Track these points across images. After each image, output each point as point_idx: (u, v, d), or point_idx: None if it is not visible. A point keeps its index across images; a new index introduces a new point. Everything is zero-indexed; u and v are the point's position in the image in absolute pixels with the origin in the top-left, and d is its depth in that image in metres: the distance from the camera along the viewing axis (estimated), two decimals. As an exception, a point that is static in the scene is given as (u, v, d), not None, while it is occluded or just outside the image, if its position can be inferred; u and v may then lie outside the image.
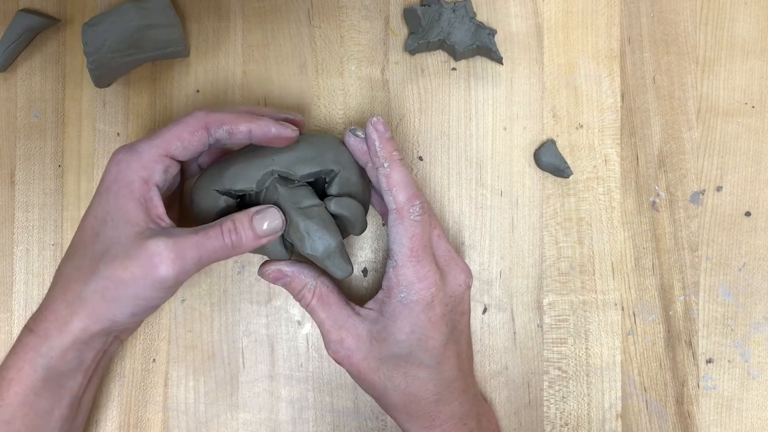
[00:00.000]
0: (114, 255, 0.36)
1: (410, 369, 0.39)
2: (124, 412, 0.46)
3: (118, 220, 0.37)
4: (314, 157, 0.40)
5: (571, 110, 0.47)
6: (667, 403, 0.46)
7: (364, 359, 0.40)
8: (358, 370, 0.40)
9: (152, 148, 0.37)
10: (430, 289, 0.39)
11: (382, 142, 0.39)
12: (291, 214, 0.39)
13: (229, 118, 0.38)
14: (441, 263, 0.40)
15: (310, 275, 0.41)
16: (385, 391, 0.40)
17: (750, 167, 0.47)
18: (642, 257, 0.47)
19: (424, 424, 0.40)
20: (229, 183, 0.39)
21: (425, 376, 0.39)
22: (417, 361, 0.39)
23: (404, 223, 0.38)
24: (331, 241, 0.38)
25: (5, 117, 0.47)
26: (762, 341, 0.46)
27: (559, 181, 0.47)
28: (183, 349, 0.46)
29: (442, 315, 0.39)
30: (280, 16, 0.47)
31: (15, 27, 0.45)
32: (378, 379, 0.40)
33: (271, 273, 0.41)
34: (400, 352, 0.39)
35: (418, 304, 0.38)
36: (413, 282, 0.38)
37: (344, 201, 0.40)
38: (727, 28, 0.47)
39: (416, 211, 0.39)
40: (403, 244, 0.38)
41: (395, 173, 0.39)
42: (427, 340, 0.39)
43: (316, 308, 0.41)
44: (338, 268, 0.39)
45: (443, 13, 0.45)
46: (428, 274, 0.39)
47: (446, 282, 0.40)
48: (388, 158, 0.39)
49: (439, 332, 0.39)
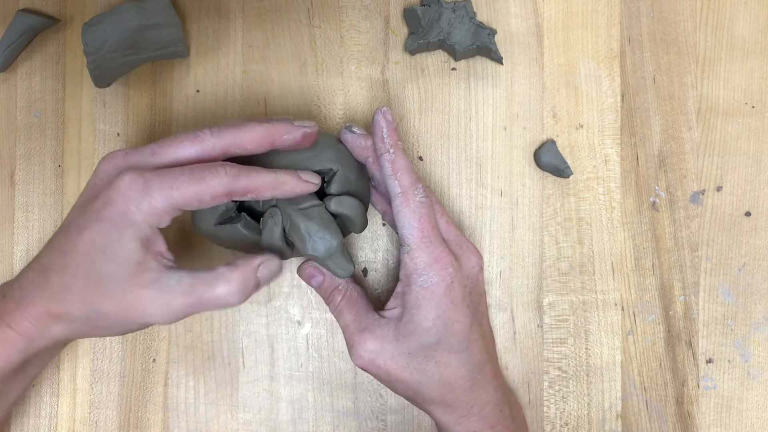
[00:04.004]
0: (109, 291, 0.35)
1: (441, 356, 0.39)
2: (124, 412, 0.46)
3: (118, 256, 0.35)
4: (312, 156, 0.40)
5: (571, 110, 0.47)
6: (667, 403, 0.46)
7: (392, 359, 0.40)
8: (387, 372, 0.40)
9: (167, 199, 0.35)
10: (447, 269, 0.39)
11: (389, 129, 0.40)
12: (291, 216, 0.39)
13: (254, 184, 0.36)
14: (453, 247, 0.41)
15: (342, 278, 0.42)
16: (420, 386, 0.40)
17: (750, 167, 0.47)
18: (642, 257, 0.47)
19: (462, 413, 0.40)
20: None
21: (457, 362, 0.40)
22: (447, 346, 0.39)
23: (410, 205, 0.39)
24: (332, 241, 0.38)
25: (5, 117, 0.47)
26: (762, 341, 0.46)
27: (559, 181, 0.47)
28: (183, 349, 0.46)
29: (463, 297, 0.40)
30: (280, 16, 0.47)
31: (15, 27, 0.45)
32: (410, 375, 0.40)
33: (308, 270, 0.42)
34: (428, 340, 0.39)
35: (439, 287, 0.39)
36: (430, 263, 0.39)
37: (344, 200, 0.40)
38: (727, 28, 0.47)
39: (420, 193, 0.39)
40: (413, 226, 0.39)
41: (399, 159, 0.40)
42: (453, 323, 0.39)
43: (343, 310, 0.41)
44: (340, 267, 0.39)
45: (443, 13, 0.45)
46: (443, 254, 0.39)
47: (461, 264, 0.40)
48: (393, 145, 0.40)
49: (463, 314, 0.39)
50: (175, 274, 0.36)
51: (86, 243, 0.36)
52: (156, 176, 0.35)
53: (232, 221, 0.40)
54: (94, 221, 0.36)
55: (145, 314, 0.35)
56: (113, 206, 0.35)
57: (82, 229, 0.36)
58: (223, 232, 0.40)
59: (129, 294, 0.35)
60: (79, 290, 0.36)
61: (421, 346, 0.39)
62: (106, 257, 0.35)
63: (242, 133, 0.37)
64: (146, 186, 0.35)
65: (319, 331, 0.46)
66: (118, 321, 0.36)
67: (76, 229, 0.36)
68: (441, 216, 0.41)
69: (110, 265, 0.35)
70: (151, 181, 0.35)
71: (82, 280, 0.36)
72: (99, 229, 0.35)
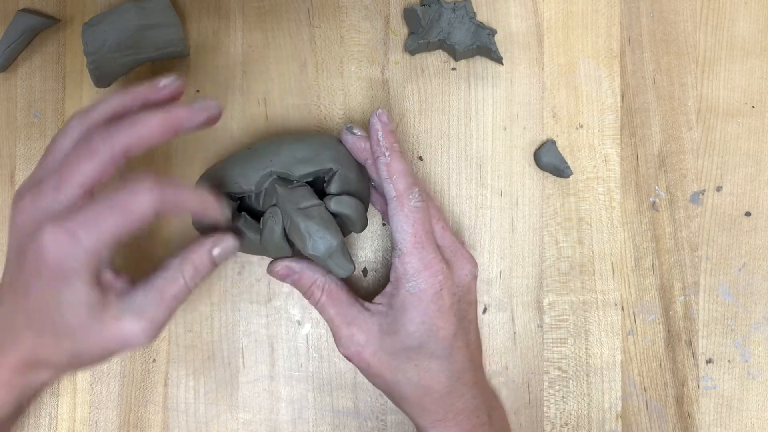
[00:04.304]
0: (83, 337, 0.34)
1: (422, 361, 0.39)
2: (124, 412, 0.46)
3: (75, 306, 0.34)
4: (312, 156, 0.40)
5: (571, 110, 0.47)
6: (667, 403, 0.46)
7: (375, 354, 0.40)
8: (368, 365, 0.40)
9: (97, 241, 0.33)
10: (437, 276, 0.39)
11: (384, 132, 0.40)
12: (291, 215, 0.39)
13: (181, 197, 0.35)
14: (447, 254, 0.40)
15: (319, 272, 0.41)
16: (398, 386, 0.40)
17: (750, 167, 0.47)
18: (642, 257, 0.47)
19: (437, 417, 0.40)
20: (227, 187, 0.39)
21: (437, 368, 0.39)
22: (428, 352, 0.39)
23: (404, 209, 0.39)
24: (332, 241, 0.38)
25: (5, 117, 0.47)
26: (762, 341, 0.46)
27: (559, 181, 0.47)
28: (183, 349, 0.46)
29: (450, 305, 0.39)
30: (280, 16, 0.47)
31: (15, 27, 0.45)
32: (389, 373, 0.40)
33: (280, 270, 0.41)
34: (411, 343, 0.39)
35: (426, 293, 0.38)
36: (420, 270, 0.38)
37: (344, 199, 0.40)
38: (727, 28, 0.47)
39: (416, 197, 0.39)
40: (406, 230, 0.39)
41: (395, 162, 0.39)
42: (437, 330, 0.39)
43: (325, 305, 0.41)
44: (340, 267, 0.39)
45: (443, 13, 0.45)
46: (434, 261, 0.39)
47: (453, 272, 0.40)
48: (389, 148, 0.39)
49: (449, 322, 0.39)
50: (137, 292, 0.35)
51: (38, 303, 0.34)
52: (76, 221, 0.33)
53: (232, 221, 0.40)
54: (34, 280, 0.34)
55: (128, 341, 0.35)
56: (45, 263, 0.33)
57: (28, 288, 0.34)
58: None
59: (104, 331, 0.34)
60: (53, 343, 0.35)
61: (403, 347, 0.39)
62: (64, 310, 0.34)
63: (138, 130, 0.34)
64: (70, 235, 0.33)
65: (319, 331, 0.46)
66: (102, 355, 0.36)
67: (22, 290, 0.35)
68: (437, 221, 0.41)
69: (71, 317, 0.34)
70: (73, 228, 0.33)
71: (51, 335, 0.35)
72: (42, 286, 0.34)
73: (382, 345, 0.40)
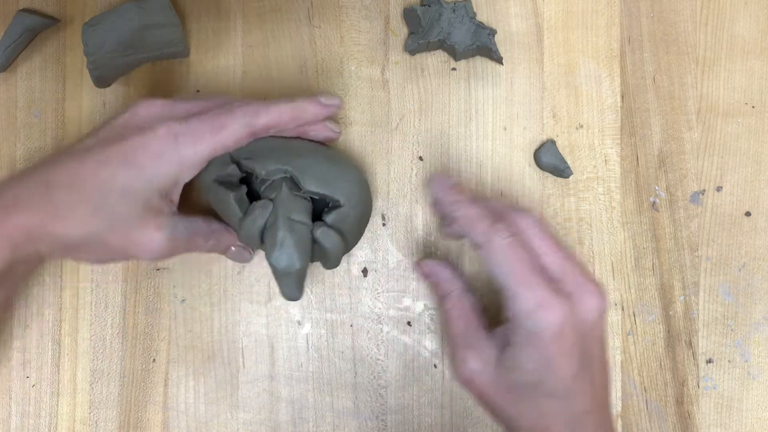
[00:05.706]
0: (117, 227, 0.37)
1: (540, 399, 0.37)
2: (124, 412, 0.46)
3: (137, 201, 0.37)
4: (330, 181, 0.40)
5: (571, 110, 0.47)
6: (667, 403, 0.46)
7: (490, 384, 0.38)
8: (481, 394, 0.39)
9: (195, 154, 0.38)
10: (555, 313, 0.36)
11: (444, 192, 0.40)
12: (278, 219, 0.39)
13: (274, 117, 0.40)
14: (567, 287, 0.37)
15: (460, 285, 0.41)
16: (512, 421, 0.38)
17: (750, 167, 0.47)
18: (642, 257, 0.47)
19: None
20: (246, 154, 0.40)
21: (556, 407, 0.37)
22: (547, 391, 0.37)
23: (494, 249, 0.37)
24: (295, 263, 0.39)
25: (5, 117, 0.47)
26: (762, 341, 0.46)
27: (559, 181, 0.47)
28: (183, 349, 0.46)
29: (573, 344, 0.36)
30: (280, 16, 0.47)
31: (15, 27, 0.45)
32: (505, 406, 0.38)
33: (426, 266, 0.43)
34: (529, 380, 0.37)
35: (545, 332, 0.36)
36: (533, 309, 0.36)
37: (331, 234, 0.40)
38: (727, 28, 0.47)
39: (502, 234, 0.37)
40: (503, 272, 0.37)
41: (465, 211, 0.38)
42: (557, 370, 0.36)
43: (452, 318, 0.40)
44: (288, 289, 0.40)
45: (443, 13, 0.45)
46: (547, 298, 0.36)
47: (575, 307, 0.37)
48: (454, 203, 0.39)
49: (570, 362, 0.36)
50: (181, 219, 0.39)
51: (104, 178, 0.37)
52: (185, 130, 0.38)
53: (230, 187, 0.40)
54: (119, 162, 0.37)
55: (145, 252, 0.38)
56: (144, 155, 0.37)
57: (102, 163, 0.37)
58: (216, 192, 0.40)
59: (139, 234, 0.37)
60: (84, 217, 0.36)
61: (520, 382, 0.37)
62: (124, 198, 0.37)
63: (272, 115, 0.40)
64: (177, 141, 0.37)
65: (319, 331, 0.46)
66: (113, 253, 0.38)
67: (94, 161, 0.37)
68: (547, 253, 0.38)
69: (124, 207, 0.37)
70: (181, 135, 0.38)
71: (90, 209, 0.36)
72: (123, 170, 0.37)
73: (499, 376, 0.38)
